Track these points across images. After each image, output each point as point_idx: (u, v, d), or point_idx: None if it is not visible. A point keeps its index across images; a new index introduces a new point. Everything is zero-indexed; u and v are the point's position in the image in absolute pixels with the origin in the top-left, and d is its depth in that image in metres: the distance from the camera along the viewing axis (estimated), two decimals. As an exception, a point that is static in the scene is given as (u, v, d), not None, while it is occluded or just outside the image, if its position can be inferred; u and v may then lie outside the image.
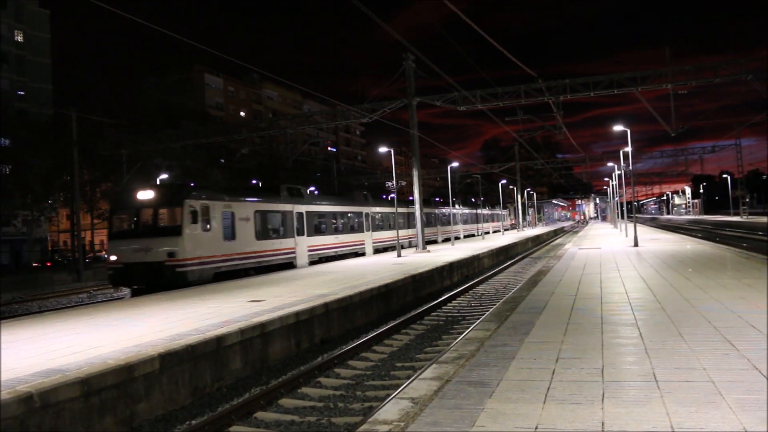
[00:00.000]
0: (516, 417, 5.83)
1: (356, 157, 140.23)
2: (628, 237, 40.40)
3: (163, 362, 9.95)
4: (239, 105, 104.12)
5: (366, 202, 39.51)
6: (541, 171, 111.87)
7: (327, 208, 33.52)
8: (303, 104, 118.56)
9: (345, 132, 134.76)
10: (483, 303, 20.85)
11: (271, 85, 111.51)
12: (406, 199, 48.10)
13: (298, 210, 30.16)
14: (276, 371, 12.43)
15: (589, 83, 35.64)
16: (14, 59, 68.95)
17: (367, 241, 38.81)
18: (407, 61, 36.29)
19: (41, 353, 10.34)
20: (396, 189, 36.23)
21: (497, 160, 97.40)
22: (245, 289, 19.57)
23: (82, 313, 15.75)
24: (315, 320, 14.80)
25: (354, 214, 37.17)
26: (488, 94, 36.99)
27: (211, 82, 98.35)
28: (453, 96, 37.20)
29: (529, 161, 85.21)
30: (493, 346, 9.08)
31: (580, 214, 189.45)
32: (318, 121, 47.43)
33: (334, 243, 33.91)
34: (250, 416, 9.75)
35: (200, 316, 13.72)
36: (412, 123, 36.72)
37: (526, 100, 36.97)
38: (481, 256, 33.88)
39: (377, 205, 41.45)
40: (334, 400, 10.43)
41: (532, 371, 7.49)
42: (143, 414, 9.55)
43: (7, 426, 7.56)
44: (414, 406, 6.39)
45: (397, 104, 37.84)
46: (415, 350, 14.06)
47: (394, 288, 20.02)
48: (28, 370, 9.02)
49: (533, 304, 13.20)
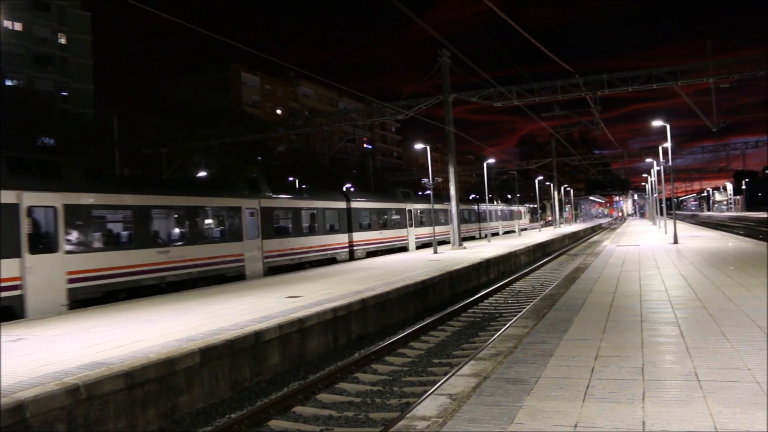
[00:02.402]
0: (555, 415, 5.81)
1: (392, 153, 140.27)
2: (668, 234, 39.78)
3: (203, 356, 10.11)
4: (276, 103, 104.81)
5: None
6: (578, 167, 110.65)
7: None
8: (339, 102, 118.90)
9: (381, 129, 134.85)
10: (520, 300, 20.74)
11: (307, 82, 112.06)
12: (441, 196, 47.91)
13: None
14: (313, 366, 12.55)
15: (627, 78, 35.13)
16: (58, 61, 70.39)
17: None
18: (442, 57, 36.18)
19: (86, 346, 10.59)
20: (432, 186, 36.16)
21: (533, 157, 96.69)
22: (283, 285, 19.75)
23: (124, 308, 16.06)
24: (352, 316, 14.89)
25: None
26: (524, 90, 36.69)
27: (247, 80, 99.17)
28: (489, 92, 36.98)
29: (566, 157, 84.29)
30: (531, 343, 9.05)
31: (618, 211, 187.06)
32: (354, 119, 47.51)
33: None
34: (289, 410, 9.86)
35: (238, 312, 13.91)
36: (448, 119, 36.61)
37: (563, 95, 36.60)
38: (517, 253, 33.68)
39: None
40: (371, 395, 10.50)
41: (571, 369, 7.45)
42: (184, 407, 9.73)
43: (56, 416, 7.78)
44: (452, 403, 6.41)
45: (433, 101, 37.74)
46: (452, 347, 14.07)
47: (431, 284, 20.03)
48: (74, 363, 9.26)
49: (571, 301, 13.10)
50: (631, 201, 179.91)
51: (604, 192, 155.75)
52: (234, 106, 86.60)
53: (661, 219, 56.48)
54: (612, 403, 6.05)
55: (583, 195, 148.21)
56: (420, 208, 41.62)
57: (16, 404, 7.34)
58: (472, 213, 55.36)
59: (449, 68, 36.46)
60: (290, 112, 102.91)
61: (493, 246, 38.13)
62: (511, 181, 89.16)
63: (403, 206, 39.07)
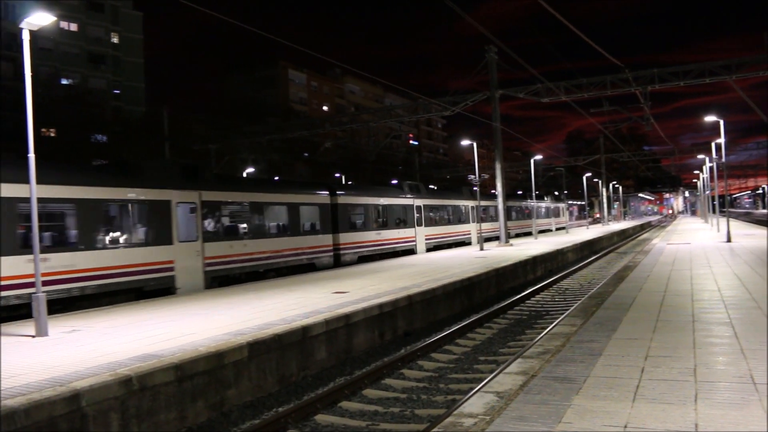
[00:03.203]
0: (604, 415, 5.74)
1: (438, 150, 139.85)
2: (720, 232, 38.81)
3: (251, 350, 10.26)
4: (322, 99, 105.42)
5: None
6: (627, 164, 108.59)
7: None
8: (385, 98, 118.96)
9: (427, 125, 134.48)
10: (567, 298, 20.51)
11: (353, 79, 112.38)
12: (488, 193, 47.62)
13: (417, 203, 33.63)
14: (360, 362, 12.63)
15: (679, 72, 34.35)
16: (111, 60, 72.01)
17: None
18: (489, 53, 35.94)
19: (138, 339, 10.85)
20: (479, 182, 35.97)
21: (581, 153, 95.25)
22: (330, 280, 19.90)
23: (174, 301, 16.40)
24: (398, 312, 14.93)
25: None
26: (572, 86, 36.19)
27: (294, 77, 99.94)
28: (536, 88, 36.57)
29: (615, 154, 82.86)
30: (579, 342, 8.95)
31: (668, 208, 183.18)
32: (400, 115, 47.55)
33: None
34: (335, 405, 9.94)
35: (286, 307, 14.07)
36: (495, 115, 36.36)
37: (612, 90, 35.97)
38: (564, 251, 33.31)
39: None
40: (417, 392, 10.52)
41: (620, 369, 7.35)
42: (232, 400, 9.89)
43: (110, 406, 7.99)
44: (499, 400, 6.39)
45: (480, 97, 37.50)
46: (499, 344, 14.00)
47: (477, 281, 19.95)
48: (126, 354, 9.50)
49: (620, 300, 12.90)
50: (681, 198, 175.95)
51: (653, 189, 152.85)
52: (281, 102, 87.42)
53: (713, 217, 55.13)
54: (663, 404, 5.95)
55: (632, 192, 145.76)
56: (430, 204, 36.69)
57: (73, 393, 7.56)
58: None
59: (496, 64, 36.20)
60: (336, 109, 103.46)
61: (540, 243, 37.78)
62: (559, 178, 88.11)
63: (409, 201, 34.22)
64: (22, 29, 11.97)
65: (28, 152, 11.85)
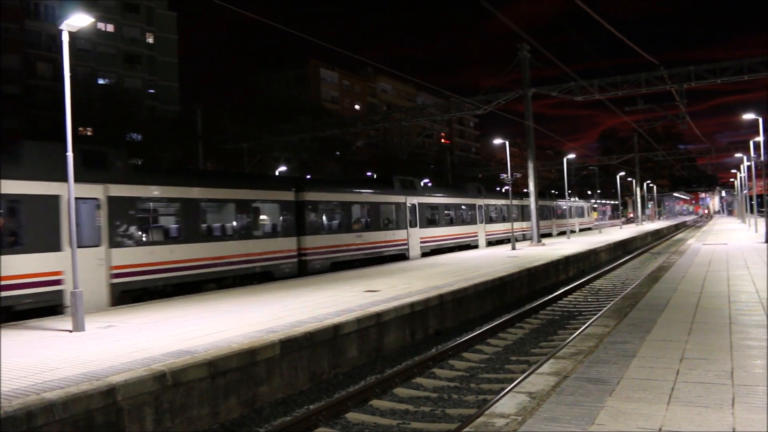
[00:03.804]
0: (638, 417, 5.67)
1: (470, 148, 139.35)
2: (758, 233, 38.10)
3: (283, 348, 10.33)
4: (354, 98, 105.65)
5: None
6: (661, 163, 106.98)
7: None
8: (417, 97, 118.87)
9: (459, 124, 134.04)
10: (600, 299, 20.30)
11: (385, 78, 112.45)
12: (520, 191, 47.19)
13: (411, 202, 30.29)
14: (391, 360, 12.64)
15: (717, 69, 33.75)
16: (146, 60, 73.02)
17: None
18: (522, 51, 35.73)
19: (172, 335, 10.99)
20: (511, 181, 35.76)
21: (615, 152, 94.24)
22: (361, 279, 19.95)
23: (207, 299, 16.57)
24: (429, 311, 14.91)
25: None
26: (606, 84, 35.81)
27: (326, 76, 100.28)
28: (569, 86, 36.24)
29: (649, 152, 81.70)
30: (613, 343, 8.85)
31: (704, 208, 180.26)
32: (432, 113, 47.52)
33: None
34: (366, 403, 9.96)
35: (318, 305, 14.13)
36: (528, 114, 36.12)
37: (647, 88, 35.52)
38: (597, 250, 32.97)
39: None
40: (448, 391, 10.50)
41: (655, 370, 7.25)
42: (264, 397, 9.96)
43: (144, 400, 8.11)
44: (531, 401, 6.35)
45: (512, 95, 37.29)
46: (530, 344, 13.91)
47: (509, 281, 19.84)
48: (160, 350, 9.62)
49: (654, 300, 12.73)
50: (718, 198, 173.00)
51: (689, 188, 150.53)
52: (313, 101, 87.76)
53: (751, 217, 54.08)
54: (699, 408, 5.86)
55: (667, 191, 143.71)
56: (427, 202, 32.64)
57: (109, 387, 7.69)
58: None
59: (529, 62, 35.95)
60: (368, 108, 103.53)
61: (572, 243, 37.44)
62: (592, 177, 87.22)
63: (400, 199, 30.02)
64: (62, 30, 12.19)
65: (66, 151, 12.06)
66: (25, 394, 7.32)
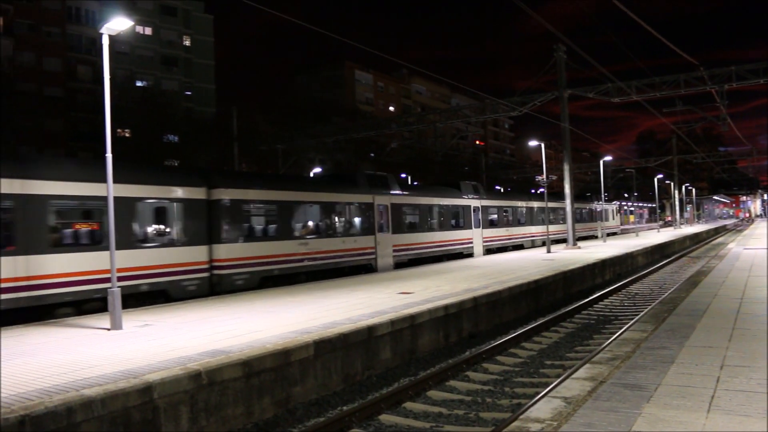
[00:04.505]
0: (677, 425, 5.56)
1: (504, 150, 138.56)
2: (802, 237, 37.19)
3: (317, 349, 10.37)
4: (388, 100, 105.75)
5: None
6: (701, 165, 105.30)
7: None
8: (451, 98, 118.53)
9: (493, 126, 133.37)
10: (637, 303, 19.99)
11: (420, 79, 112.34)
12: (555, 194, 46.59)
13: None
14: (424, 363, 12.60)
15: (759, 69, 32.96)
16: (183, 62, 73.97)
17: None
18: (558, 52, 35.39)
19: (207, 334, 11.10)
20: (546, 183, 35.44)
21: (652, 154, 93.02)
22: (395, 281, 19.94)
23: (241, 299, 16.70)
24: (464, 314, 14.84)
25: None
26: (644, 85, 35.25)
27: (361, 78, 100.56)
28: (606, 87, 35.77)
29: (688, 155, 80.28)
30: (650, 348, 8.70)
31: (745, 212, 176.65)
32: (466, 115, 47.16)
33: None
34: (399, 406, 9.94)
35: (351, 306, 14.15)
36: (563, 116, 35.77)
37: (686, 89, 34.84)
38: (634, 254, 32.52)
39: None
40: (482, 394, 10.43)
41: (694, 377, 7.11)
42: (298, 397, 10.01)
43: (180, 399, 8.20)
44: (567, 406, 6.27)
45: (548, 97, 36.92)
46: (565, 349, 13.76)
47: (544, 284, 19.66)
48: (196, 350, 9.73)
49: (693, 306, 12.50)
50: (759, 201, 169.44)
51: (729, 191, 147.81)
52: (347, 103, 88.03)
53: (793, 221, 52.87)
54: (740, 417, 5.72)
55: (706, 194, 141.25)
56: (405, 203, 28.15)
57: (146, 385, 7.80)
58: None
59: (565, 63, 35.61)
60: (403, 109, 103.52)
61: (608, 246, 36.96)
62: (629, 180, 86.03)
63: (365, 199, 25.52)
64: (102, 34, 12.39)
65: (106, 152, 12.25)
66: (65, 390, 7.46)
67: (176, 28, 73.92)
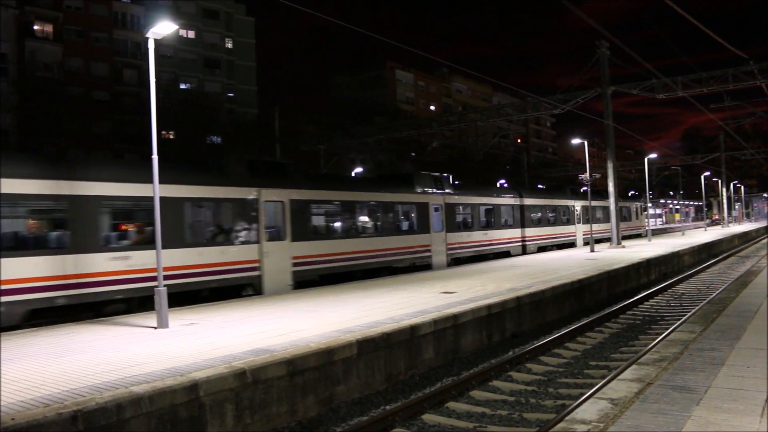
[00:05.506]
0: (729, 429, 5.45)
1: (547, 149, 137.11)
2: None
3: (360, 348, 10.40)
4: (429, 99, 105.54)
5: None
6: (750, 162, 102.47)
7: None
8: (492, 97, 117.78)
9: (535, 124, 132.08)
10: (683, 303, 19.60)
11: (461, 78, 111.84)
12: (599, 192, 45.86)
13: None
14: (467, 363, 12.54)
15: (811, 62, 32.06)
16: (225, 64, 74.95)
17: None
18: (601, 48, 34.85)
19: (251, 333, 11.22)
20: (590, 182, 34.96)
21: (699, 151, 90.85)
22: (437, 280, 19.89)
23: (284, 299, 16.85)
24: (506, 314, 14.74)
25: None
26: (690, 80, 34.51)
27: (402, 77, 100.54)
28: (651, 83, 35.12)
29: (736, 151, 78.40)
30: (699, 350, 8.53)
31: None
32: (508, 114, 46.79)
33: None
34: (442, 405, 9.91)
35: (394, 306, 14.16)
36: (607, 113, 35.23)
37: (735, 84, 34.03)
38: (680, 253, 31.90)
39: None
40: (526, 395, 10.34)
41: (745, 380, 6.95)
42: (341, 396, 10.05)
43: (225, 397, 8.31)
44: (613, 408, 6.18)
45: (591, 94, 36.41)
46: (610, 349, 13.56)
47: (588, 284, 19.41)
48: (240, 348, 9.84)
49: (743, 306, 12.21)
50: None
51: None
52: (389, 103, 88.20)
53: None
54: (794, 419, 5.58)
55: (756, 192, 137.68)
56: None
57: (192, 383, 7.92)
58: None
59: (608, 59, 35.08)
60: (444, 108, 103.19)
61: (653, 245, 36.33)
62: (674, 178, 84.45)
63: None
64: (148, 38, 12.61)
65: (152, 154, 12.47)
66: (115, 387, 7.62)
67: (218, 31, 74.90)
